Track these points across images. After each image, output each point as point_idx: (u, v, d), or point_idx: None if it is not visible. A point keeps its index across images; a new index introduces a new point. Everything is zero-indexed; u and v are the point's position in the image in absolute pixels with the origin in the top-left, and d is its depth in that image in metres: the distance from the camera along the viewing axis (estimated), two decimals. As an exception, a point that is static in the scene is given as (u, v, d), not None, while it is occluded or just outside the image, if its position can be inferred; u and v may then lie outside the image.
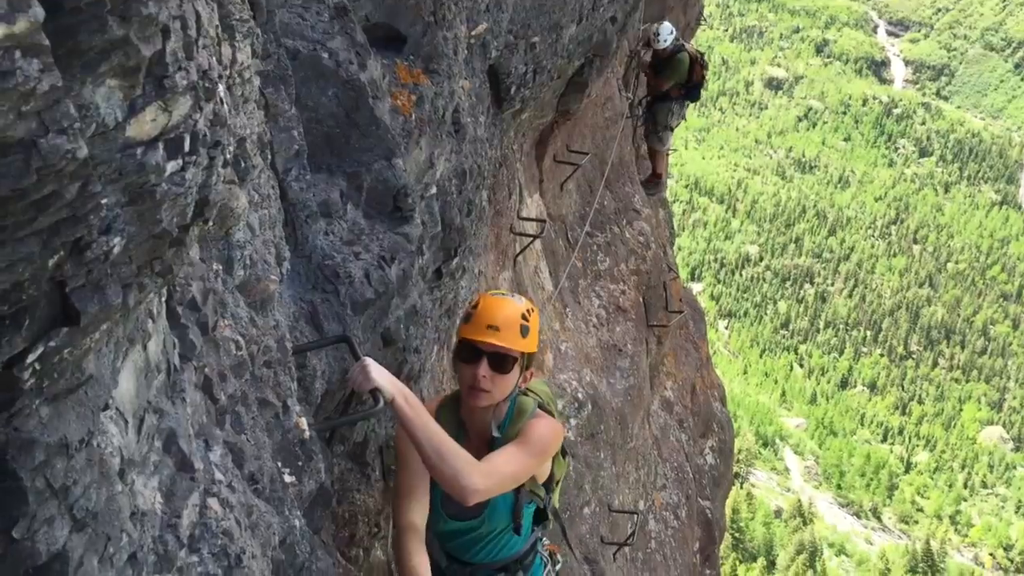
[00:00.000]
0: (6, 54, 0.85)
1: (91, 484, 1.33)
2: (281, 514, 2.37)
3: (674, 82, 10.93)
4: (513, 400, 3.09)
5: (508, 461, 2.86)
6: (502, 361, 2.95)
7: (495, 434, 3.05)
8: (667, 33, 10.70)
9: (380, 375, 2.74)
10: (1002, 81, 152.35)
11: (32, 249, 0.99)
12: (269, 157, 2.99)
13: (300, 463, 2.75)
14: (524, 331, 2.97)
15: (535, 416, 3.02)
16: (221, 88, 1.28)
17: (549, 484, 3.24)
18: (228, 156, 1.33)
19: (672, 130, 11.69)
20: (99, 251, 1.09)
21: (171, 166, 1.17)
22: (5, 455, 1.17)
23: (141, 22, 1.07)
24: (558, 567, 3.47)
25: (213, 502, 1.81)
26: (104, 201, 1.07)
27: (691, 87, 11.22)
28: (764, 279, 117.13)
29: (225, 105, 1.31)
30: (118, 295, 1.18)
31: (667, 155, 12.26)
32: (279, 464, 2.59)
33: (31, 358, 1.10)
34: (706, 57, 11.45)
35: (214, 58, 1.27)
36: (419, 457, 2.80)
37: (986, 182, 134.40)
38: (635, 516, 7.74)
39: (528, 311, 3.04)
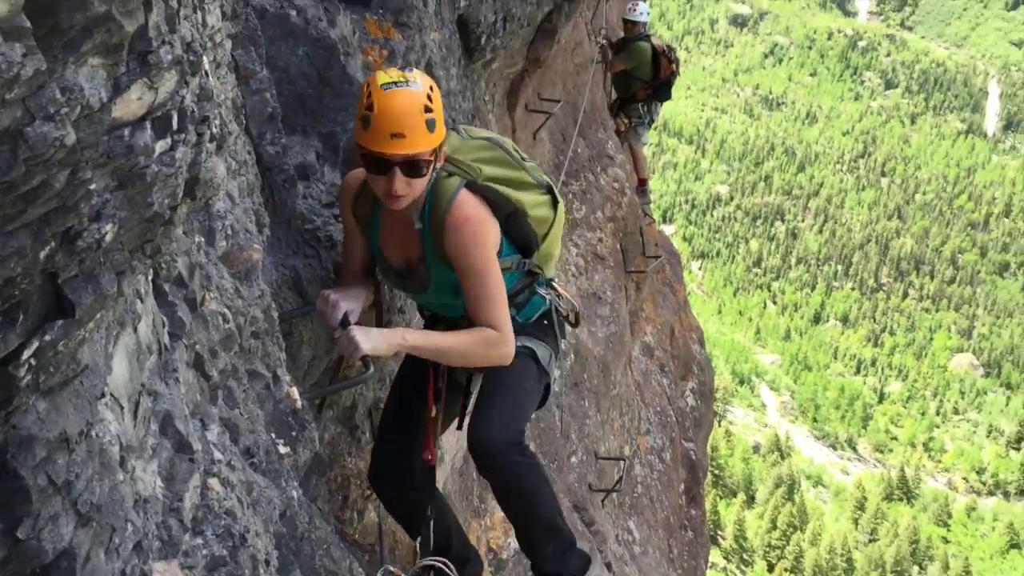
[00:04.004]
0: (-15, 39, 0.79)
1: (93, 476, 1.29)
2: (279, 486, 2.35)
3: (630, 67, 10.16)
4: (432, 184, 2.83)
5: (491, 297, 2.75)
6: (415, 167, 2.69)
7: (417, 227, 2.86)
8: (644, 11, 10.14)
9: (368, 340, 2.69)
10: (965, 9, 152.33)
11: (23, 243, 0.93)
12: (243, 122, 2.91)
13: (294, 433, 2.72)
14: (431, 125, 2.66)
15: (454, 205, 2.78)
16: (206, 60, 1.22)
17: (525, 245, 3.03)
18: (215, 131, 1.27)
19: (647, 126, 10.93)
20: (91, 239, 1.04)
21: (160, 146, 1.11)
22: (5, 454, 1.13)
23: (121, -5, 1.01)
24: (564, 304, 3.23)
25: (214, 482, 1.78)
26: (93, 187, 1.01)
27: (658, 85, 10.44)
28: (735, 218, 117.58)
29: (211, 78, 1.25)
30: (112, 283, 1.13)
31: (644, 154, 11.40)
32: (273, 436, 2.56)
33: (26, 354, 1.05)
34: (676, 52, 10.56)
35: (196, 29, 1.21)
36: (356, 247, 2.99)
37: (952, 112, 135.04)
38: (622, 462, 7.80)
39: (429, 92, 2.67)
